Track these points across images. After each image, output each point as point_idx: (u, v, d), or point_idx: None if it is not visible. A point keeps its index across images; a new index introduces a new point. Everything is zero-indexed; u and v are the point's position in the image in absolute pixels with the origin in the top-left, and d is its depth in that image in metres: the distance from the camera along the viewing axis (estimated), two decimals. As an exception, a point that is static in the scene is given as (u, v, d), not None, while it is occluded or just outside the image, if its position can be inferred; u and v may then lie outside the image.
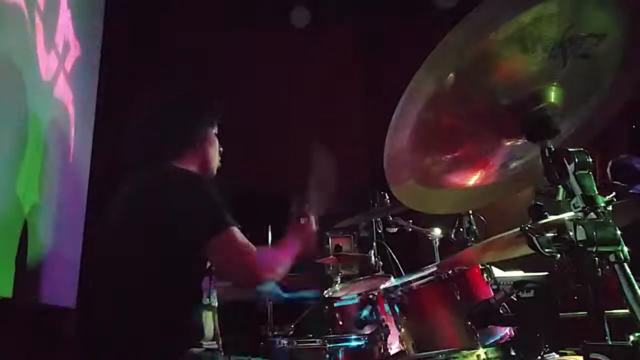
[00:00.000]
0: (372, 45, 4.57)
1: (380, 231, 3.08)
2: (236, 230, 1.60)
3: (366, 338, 2.25)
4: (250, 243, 1.62)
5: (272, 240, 3.23)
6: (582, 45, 1.01)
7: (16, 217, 1.81)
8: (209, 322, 1.65)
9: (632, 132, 4.20)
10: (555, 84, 1.05)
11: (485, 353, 1.72)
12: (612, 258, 0.90)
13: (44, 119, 2.10)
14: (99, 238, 1.80)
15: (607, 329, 0.96)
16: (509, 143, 1.15)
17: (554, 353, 1.73)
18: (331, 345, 2.20)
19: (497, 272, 2.29)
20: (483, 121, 1.12)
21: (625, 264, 0.90)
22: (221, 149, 1.90)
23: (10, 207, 1.78)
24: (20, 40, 1.86)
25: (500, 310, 1.33)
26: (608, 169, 3.26)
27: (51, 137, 2.17)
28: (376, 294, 2.18)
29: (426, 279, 1.96)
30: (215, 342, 1.66)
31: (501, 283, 2.06)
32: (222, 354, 1.68)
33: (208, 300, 1.67)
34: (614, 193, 0.99)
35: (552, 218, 1.04)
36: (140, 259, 1.57)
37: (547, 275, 2.17)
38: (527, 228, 1.01)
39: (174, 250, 1.55)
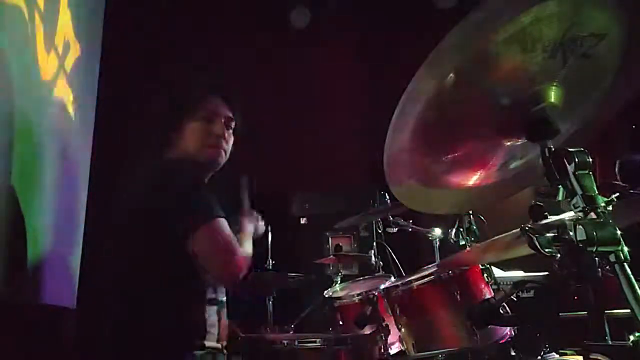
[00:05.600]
0: (372, 45, 4.57)
1: (380, 231, 3.09)
2: (222, 221, 1.57)
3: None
4: (235, 239, 1.58)
5: (272, 240, 3.23)
6: (582, 45, 1.01)
7: (15, 217, 1.81)
8: (213, 317, 1.64)
9: (632, 132, 4.20)
10: (555, 84, 1.05)
11: None
12: (612, 258, 0.90)
13: (44, 119, 2.10)
14: (102, 237, 1.80)
15: (607, 329, 0.96)
16: (509, 143, 1.15)
17: (554, 353, 1.73)
18: (331, 345, 2.19)
19: (497, 272, 2.29)
20: (483, 121, 1.12)
21: (625, 264, 0.90)
22: (231, 140, 1.86)
23: (9, 207, 1.77)
24: (20, 40, 1.86)
25: (500, 310, 1.32)
26: (616, 168, 3.23)
27: (51, 137, 2.17)
28: (376, 294, 2.18)
29: (426, 279, 1.96)
30: (219, 343, 1.66)
31: (501, 283, 2.06)
32: (225, 355, 1.67)
33: (214, 294, 1.66)
34: (617, 194, 0.99)
35: (552, 218, 1.04)
36: (140, 256, 1.58)
37: (547, 275, 2.17)
38: (527, 228, 1.01)
39: (170, 244, 1.54)
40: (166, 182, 1.62)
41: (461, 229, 2.22)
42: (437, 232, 2.67)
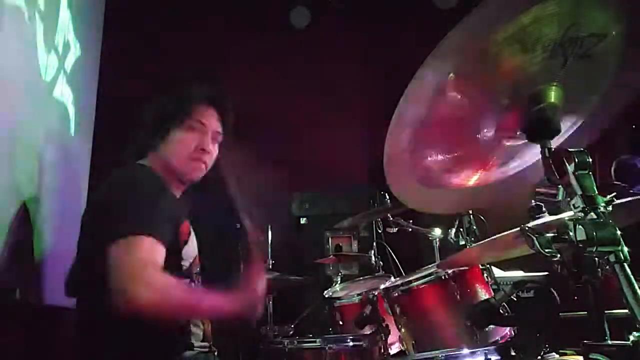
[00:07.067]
0: (372, 45, 4.57)
1: (380, 231, 3.08)
2: (141, 240, 1.40)
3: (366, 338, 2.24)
4: (149, 266, 1.39)
5: (272, 240, 3.22)
6: (582, 45, 1.01)
7: (16, 218, 1.81)
8: (198, 322, 1.63)
9: (632, 132, 4.20)
10: (555, 84, 1.05)
11: None
12: (612, 258, 0.90)
13: (44, 119, 2.10)
14: (83, 239, 1.74)
15: (607, 329, 0.96)
16: (509, 143, 1.16)
17: (554, 353, 1.73)
18: (331, 345, 2.19)
19: (497, 272, 2.29)
20: (483, 121, 1.12)
21: (625, 264, 0.90)
22: (215, 154, 1.80)
23: (10, 207, 1.78)
24: (20, 40, 1.86)
25: (500, 310, 1.32)
26: (612, 169, 3.25)
27: (51, 138, 2.17)
28: (376, 294, 2.17)
29: (426, 279, 1.96)
30: (207, 344, 1.65)
31: (501, 283, 2.06)
32: (216, 355, 1.66)
33: None
34: (614, 193, 0.99)
35: (552, 218, 1.04)
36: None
37: (547, 275, 2.17)
38: (527, 228, 1.01)
39: None
40: (110, 189, 1.59)
41: (461, 229, 2.22)
42: (437, 232, 2.67)
